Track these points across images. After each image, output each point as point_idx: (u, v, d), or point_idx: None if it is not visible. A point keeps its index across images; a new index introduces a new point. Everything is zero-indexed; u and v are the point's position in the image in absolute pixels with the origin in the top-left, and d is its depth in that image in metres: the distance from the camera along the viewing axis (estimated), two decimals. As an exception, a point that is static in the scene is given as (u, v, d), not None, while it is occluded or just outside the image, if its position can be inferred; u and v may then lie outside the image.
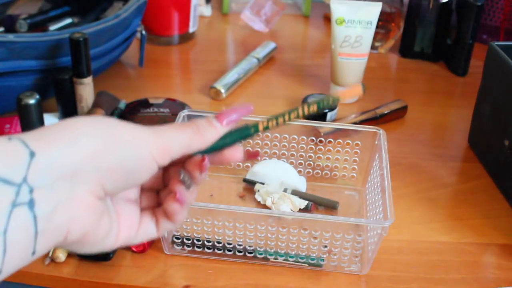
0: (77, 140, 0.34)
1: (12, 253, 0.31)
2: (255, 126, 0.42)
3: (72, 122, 0.35)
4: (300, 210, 0.64)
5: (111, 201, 0.39)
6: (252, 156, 0.44)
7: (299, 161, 0.70)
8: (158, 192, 0.43)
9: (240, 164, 0.70)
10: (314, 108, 0.42)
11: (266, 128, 0.42)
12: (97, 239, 0.37)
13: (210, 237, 0.58)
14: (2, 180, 0.30)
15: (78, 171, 0.34)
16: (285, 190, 0.66)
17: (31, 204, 0.31)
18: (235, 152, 0.42)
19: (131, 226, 0.40)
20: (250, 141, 0.68)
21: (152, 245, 0.60)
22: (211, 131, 0.40)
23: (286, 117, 0.42)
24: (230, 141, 0.41)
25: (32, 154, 0.32)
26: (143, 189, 0.43)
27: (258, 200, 0.66)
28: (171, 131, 0.39)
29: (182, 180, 0.40)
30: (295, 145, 0.69)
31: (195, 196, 0.43)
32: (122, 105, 0.77)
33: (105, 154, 0.35)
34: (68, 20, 0.93)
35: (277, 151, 0.69)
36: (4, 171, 0.30)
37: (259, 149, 0.69)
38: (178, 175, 0.41)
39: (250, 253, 0.58)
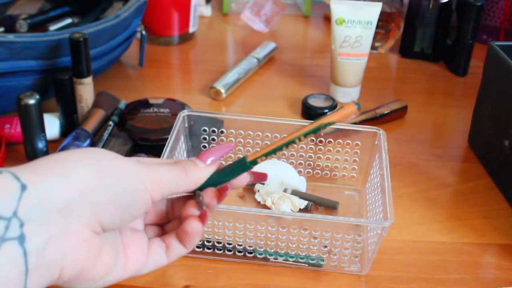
0: (71, 172, 0.33)
1: None
2: (254, 162, 0.43)
3: (66, 155, 0.35)
4: (300, 210, 0.64)
5: (119, 233, 0.39)
6: (259, 179, 0.45)
7: (299, 161, 0.70)
8: (163, 226, 0.44)
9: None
10: (309, 135, 0.42)
11: (262, 155, 0.43)
12: (97, 275, 0.36)
13: (210, 237, 0.58)
14: None
15: (71, 205, 0.33)
16: (285, 190, 0.66)
17: (21, 239, 0.30)
18: (241, 180, 0.43)
19: (140, 256, 0.40)
20: (250, 141, 0.68)
21: (152, 245, 0.60)
22: (196, 172, 0.41)
23: (284, 148, 0.43)
24: (230, 177, 0.43)
25: (23, 187, 0.31)
26: (148, 224, 0.43)
27: (258, 200, 0.66)
28: (160, 167, 0.39)
29: (200, 202, 0.41)
30: (295, 145, 0.69)
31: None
32: (122, 105, 0.77)
33: (100, 187, 0.34)
34: (68, 20, 0.93)
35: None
36: None
37: (250, 132, 0.69)
38: (196, 198, 0.41)
39: (250, 253, 0.58)
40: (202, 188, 0.42)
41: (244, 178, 0.43)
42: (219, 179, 0.42)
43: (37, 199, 0.31)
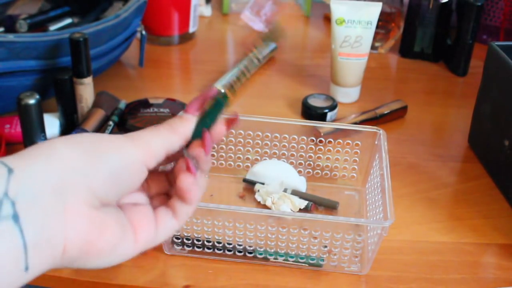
0: (56, 152, 0.34)
1: (1, 269, 0.30)
2: (224, 96, 0.43)
3: (50, 141, 0.35)
4: (300, 210, 0.64)
5: (121, 210, 0.39)
6: (231, 123, 0.44)
7: (299, 161, 0.70)
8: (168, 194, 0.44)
9: (240, 164, 0.70)
10: (260, 49, 0.42)
11: (233, 91, 0.43)
12: (105, 250, 0.36)
13: (210, 237, 0.58)
14: None
15: (63, 182, 0.33)
16: (285, 190, 0.66)
17: (15, 217, 0.31)
18: (218, 127, 0.43)
19: (148, 227, 0.40)
20: (250, 141, 0.68)
21: (152, 245, 0.60)
22: (183, 123, 0.41)
23: (245, 70, 0.43)
24: (210, 120, 0.43)
25: (10, 171, 0.31)
26: (153, 195, 0.43)
27: (258, 200, 0.66)
28: (146, 134, 0.39)
29: (187, 157, 0.41)
30: (295, 145, 0.69)
31: (205, 182, 0.43)
32: (122, 105, 0.77)
33: (88, 160, 0.35)
34: (68, 20, 0.93)
35: (277, 151, 0.69)
36: None
37: (250, 132, 0.69)
38: (183, 155, 0.41)
39: (250, 253, 0.58)
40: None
41: (220, 128, 0.43)
42: (204, 126, 0.42)
43: (26, 179, 0.32)
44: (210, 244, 0.58)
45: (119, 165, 0.37)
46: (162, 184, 0.44)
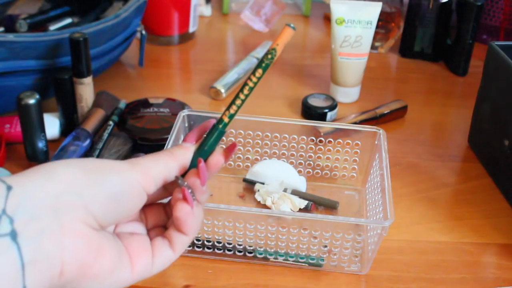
0: (53, 172, 0.34)
1: None
2: (221, 122, 0.43)
3: (50, 163, 0.35)
4: (300, 210, 0.64)
5: (118, 238, 0.39)
6: (230, 150, 0.44)
7: (299, 161, 0.70)
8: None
9: (240, 164, 0.70)
10: (259, 73, 0.43)
11: (231, 117, 0.43)
12: (102, 274, 0.36)
13: (210, 237, 0.58)
14: None
15: (60, 201, 0.33)
16: (285, 190, 0.66)
17: (13, 234, 0.30)
18: (216, 157, 0.43)
19: (144, 255, 0.40)
20: (250, 141, 0.68)
21: (152, 245, 0.60)
22: (182, 151, 0.42)
23: (242, 96, 0.43)
24: (208, 148, 0.43)
25: (9, 188, 0.31)
26: (150, 228, 0.43)
27: (258, 200, 0.66)
28: (146, 160, 0.40)
29: (183, 186, 0.41)
30: (295, 145, 0.69)
31: (202, 212, 0.43)
32: (122, 105, 0.77)
33: (85, 180, 0.35)
34: (68, 20, 0.93)
35: (277, 151, 0.69)
36: None
37: (250, 132, 0.69)
38: (178, 183, 0.41)
39: (250, 253, 0.58)
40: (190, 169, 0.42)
41: (218, 157, 0.43)
42: (201, 155, 0.43)
43: (24, 198, 0.32)
44: (210, 244, 0.58)
45: (119, 188, 0.37)
46: (160, 216, 0.44)
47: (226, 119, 0.43)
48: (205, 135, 0.43)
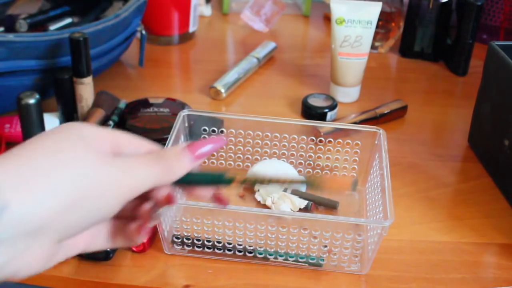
0: (51, 190, 0.33)
1: None
2: (231, 179, 0.41)
3: (53, 163, 0.34)
4: (300, 210, 0.64)
5: None
6: (219, 202, 0.43)
7: (299, 160, 0.70)
8: None
9: (240, 164, 0.70)
10: (295, 181, 0.42)
11: (243, 182, 0.41)
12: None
13: (210, 237, 0.58)
14: None
15: (42, 228, 0.33)
16: (285, 190, 0.66)
17: None
18: (206, 192, 0.41)
19: (85, 242, 0.39)
20: (250, 141, 0.68)
21: (152, 245, 0.60)
22: (180, 165, 0.39)
23: (266, 181, 0.42)
24: (202, 182, 0.41)
25: (5, 207, 0.31)
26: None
27: (258, 200, 0.66)
28: (143, 169, 0.37)
29: (155, 217, 0.40)
30: (295, 145, 0.69)
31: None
32: (122, 105, 0.77)
33: (76, 209, 0.34)
34: (68, 20, 0.93)
35: (277, 151, 0.69)
36: None
37: (250, 132, 0.69)
38: (151, 211, 0.40)
39: (250, 253, 0.58)
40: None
41: (207, 194, 0.42)
42: (191, 178, 0.41)
43: (13, 221, 0.31)
44: (210, 244, 0.58)
45: (100, 210, 0.36)
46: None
47: (237, 180, 0.41)
48: (209, 172, 0.41)
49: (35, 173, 0.33)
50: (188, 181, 0.41)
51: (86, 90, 0.75)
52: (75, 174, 0.34)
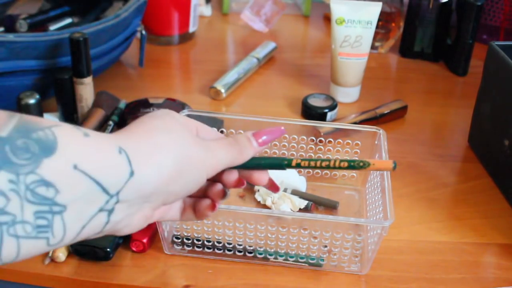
0: (163, 165, 0.38)
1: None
2: (289, 161, 0.46)
3: (162, 139, 0.39)
4: (300, 210, 0.64)
5: None
6: (272, 188, 0.49)
7: (299, 161, 0.70)
8: None
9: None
10: (344, 164, 0.45)
11: (297, 165, 0.46)
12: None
13: (210, 237, 0.58)
14: (102, 188, 0.35)
15: (153, 194, 0.39)
16: (285, 190, 0.66)
17: (110, 212, 0.36)
18: (264, 176, 0.47)
19: (164, 211, 0.45)
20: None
21: (152, 245, 0.60)
22: (249, 149, 0.45)
23: (318, 163, 0.45)
24: (264, 165, 0.46)
25: (131, 174, 0.36)
26: None
27: (258, 200, 0.66)
28: (221, 151, 0.44)
29: (225, 197, 0.47)
30: (295, 145, 0.69)
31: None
32: (122, 105, 0.77)
33: (177, 179, 0.40)
34: (68, 20, 0.93)
35: (277, 151, 0.69)
36: (107, 181, 0.35)
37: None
38: (223, 191, 0.46)
39: (250, 253, 0.58)
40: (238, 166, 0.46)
41: (265, 178, 0.47)
42: (253, 162, 0.46)
43: (136, 186, 0.37)
44: (210, 244, 0.58)
45: (194, 182, 0.42)
46: None
47: (293, 163, 0.46)
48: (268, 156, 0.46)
49: (153, 149, 0.38)
50: (250, 166, 0.46)
51: (86, 90, 0.75)
52: (180, 151, 0.40)
